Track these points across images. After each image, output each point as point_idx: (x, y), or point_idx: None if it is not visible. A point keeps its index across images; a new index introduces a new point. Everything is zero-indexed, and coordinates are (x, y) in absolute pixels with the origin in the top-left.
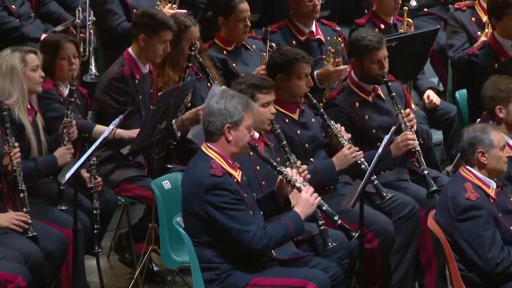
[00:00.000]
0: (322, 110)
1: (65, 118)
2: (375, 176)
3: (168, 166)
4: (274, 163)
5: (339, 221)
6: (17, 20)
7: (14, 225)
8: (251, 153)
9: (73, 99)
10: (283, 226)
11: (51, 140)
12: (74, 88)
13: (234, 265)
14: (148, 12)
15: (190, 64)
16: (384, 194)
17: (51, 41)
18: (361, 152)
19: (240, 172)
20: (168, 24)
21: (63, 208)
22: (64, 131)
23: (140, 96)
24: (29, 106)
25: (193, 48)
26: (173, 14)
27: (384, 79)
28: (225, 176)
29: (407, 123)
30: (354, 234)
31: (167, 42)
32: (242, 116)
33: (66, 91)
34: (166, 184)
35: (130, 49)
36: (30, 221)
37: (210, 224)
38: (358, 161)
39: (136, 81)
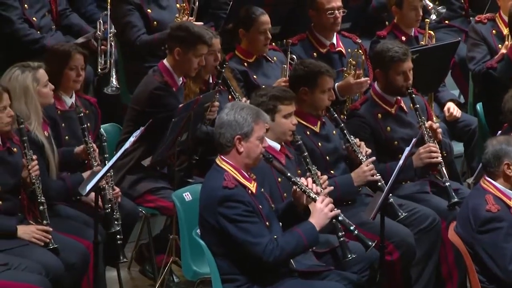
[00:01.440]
0: (342, 124)
1: (85, 145)
2: (394, 191)
3: (189, 180)
4: (289, 174)
5: (356, 231)
6: (38, 32)
7: (35, 238)
8: None
9: (85, 125)
10: (296, 237)
11: (61, 156)
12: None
13: (253, 276)
14: (184, 26)
15: (220, 81)
16: (399, 213)
17: (60, 50)
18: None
19: (255, 184)
20: (204, 38)
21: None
22: (90, 155)
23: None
24: (42, 120)
25: (224, 65)
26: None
27: (409, 90)
28: (237, 188)
29: (434, 132)
30: (370, 243)
31: (202, 56)
32: (252, 127)
33: (69, 102)
34: (187, 196)
35: (165, 61)
36: (50, 236)
37: (223, 236)
38: (376, 180)
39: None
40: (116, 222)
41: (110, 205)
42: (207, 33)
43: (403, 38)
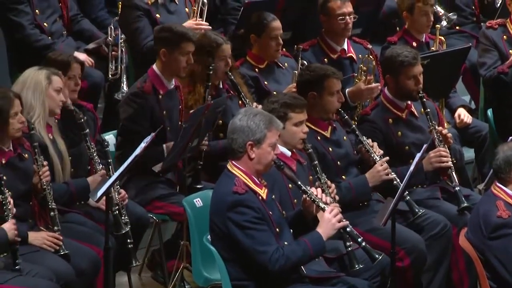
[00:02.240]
0: (354, 126)
1: (88, 151)
2: (407, 192)
3: (198, 187)
4: (299, 182)
5: (363, 243)
6: (49, 37)
7: (46, 244)
8: None
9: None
10: (302, 246)
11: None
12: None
13: (263, 282)
14: (166, 27)
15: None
16: (416, 210)
17: (59, 60)
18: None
19: (266, 190)
20: (188, 35)
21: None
22: (93, 160)
23: (165, 112)
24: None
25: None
26: (196, 27)
27: (420, 95)
28: (247, 194)
29: (445, 138)
30: (377, 256)
31: (189, 53)
32: (264, 134)
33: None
34: (198, 202)
35: (154, 66)
36: (61, 243)
37: (232, 241)
38: (391, 179)
39: (160, 96)
40: (125, 224)
41: (117, 207)
42: (190, 31)
43: (414, 44)
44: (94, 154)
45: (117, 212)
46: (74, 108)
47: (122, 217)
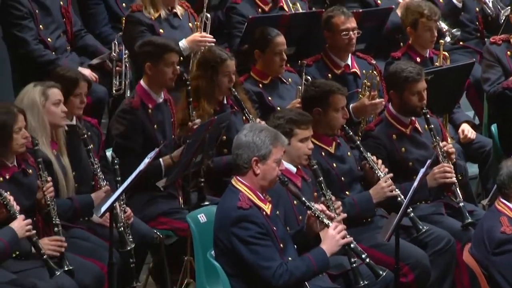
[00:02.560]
0: (358, 142)
1: (92, 167)
2: (411, 209)
3: (204, 204)
4: (303, 198)
5: (367, 260)
6: (53, 53)
7: (50, 250)
8: None
9: (90, 146)
10: (306, 262)
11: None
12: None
13: None
14: (147, 40)
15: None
16: (420, 227)
17: (66, 77)
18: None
19: (270, 206)
20: (170, 46)
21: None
22: (96, 175)
23: (156, 126)
24: (50, 139)
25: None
26: (201, 39)
27: (423, 111)
28: (252, 209)
29: (448, 154)
30: (381, 273)
31: (174, 64)
32: (269, 150)
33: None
34: (202, 217)
35: (141, 81)
36: (65, 244)
37: (236, 256)
38: (395, 195)
39: (150, 110)
40: (130, 240)
41: (122, 223)
42: (172, 41)
43: (418, 59)
44: (98, 170)
45: (122, 229)
46: (77, 124)
47: (127, 237)
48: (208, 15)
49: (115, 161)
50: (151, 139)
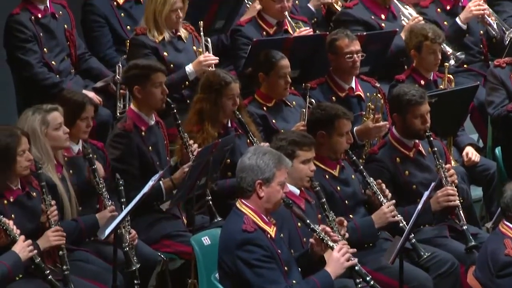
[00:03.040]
0: (361, 167)
1: (97, 186)
2: (413, 235)
3: (217, 220)
4: (308, 221)
5: (372, 282)
6: (57, 76)
7: (55, 240)
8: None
9: (95, 166)
10: (311, 285)
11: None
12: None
13: None
14: (132, 64)
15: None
16: (422, 253)
17: (73, 100)
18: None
19: (275, 228)
20: (156, 66)
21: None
22: (102, 195)
23: (150, 147)
24: (55, 163)
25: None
26: (203, 59)
27: (427, 134)
28: (257, 232)
29: (448, 179)
30: None
31: (162, 84)
32: (273, 173)
33: (75, 149)
34: (206, 240)
35: (131, 105)
36: (65, 234)
37: (240, 279)
38: (397, 221)
39: (143, 133)
40: (136, 261)
41: (127, 243)
42: (156, 62)
43: (422, 82)
44: (103, 190)
45: (127, 249)
46: (83, 144)
47: (132, 259)
48: (208, 38)
49: (120, 183)
50: (146, 161)
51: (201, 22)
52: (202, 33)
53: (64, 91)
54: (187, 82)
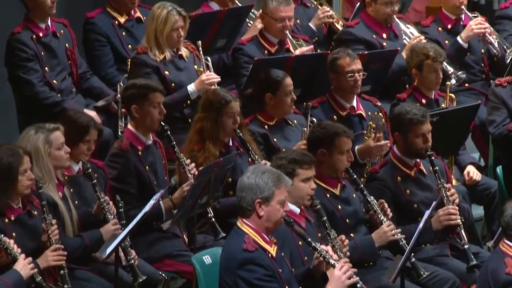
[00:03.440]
0: (362, 185)
1: (98, 201)
2: (413, 254)
3: (221, 237)
4: (309, 239)
5: None
6: (59, 95)
7: (55, 260)
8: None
9: (95, 181)
10: None
11: (80, 217)
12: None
13: None
14: (130, 84)
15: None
16: (421, 273)
17: (78, 123)
18: (399, 230)
19: (275, 247)
20: (154, 86)
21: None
22: (104, 209)
23: (147, 167)
24: (56, 181)
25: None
26: (205, 79)
27: (428, 153)
28: (258, 251)
29: (450, 198)
30: None
31: (160, 104)
32: (273, 191)
33: (76, 168)
34: (207, 259)
35: (129, 125)
36: (65, 253)
37: None
38: (397, 239)
39: (140, 152)
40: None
41: (132, 256)
42: (155, 82)
43: (424, 101)
44: (105, 204)
45: (132, 261)
46: (82, 160)
47: (136, 279)
48: (208, 57)
49: (120, 204)
50: (144, 181)
51: (199, 41)
52: (201, 52)
53: (70, 111)
54: (188, 101)
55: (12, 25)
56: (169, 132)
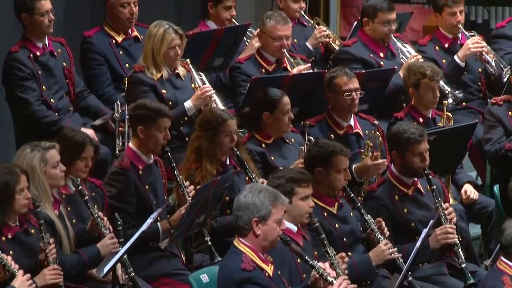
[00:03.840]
0: (359, 204)
1: (91, 216)
2: (411, 272)
3: (217, 260)
4: (306, 257)
5: None
6: (56, 114)
7: (52, 279)
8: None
9: (86, 197)
10: None
11: (75, 234)
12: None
13: None
14: (141, 103)
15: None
16: None
17: (74, 140)
18: (396, 249)
19: (272, 267)
20: (164, 111)
21: None
22: (98, 225)
23: (147, 186)
24: (52, 199)
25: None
26: (200, 93)
27: (426, 172)
28: (256, 271)
29: (447, 217)
30: None
31: (166, 129)
32: (269, 210)
33: (73, 187)
34: (204, 278)
35: (130, 144)
36: (62, 273)
37: None
38: (395, 258)
39: (140, 171)
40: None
41: (131, 270)
42: (165, 106)
43: (421, 120)
44: (99, 219)
45: (133, 274)
46: (71, 177)
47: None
48: (201, 72)
49: (119, 223)
50: (143, 200)
51: (188, 59)
52: (193, 69)
53: (66, 130)
54: (186, 118)
55: (10, 44)
56: (169, 154)
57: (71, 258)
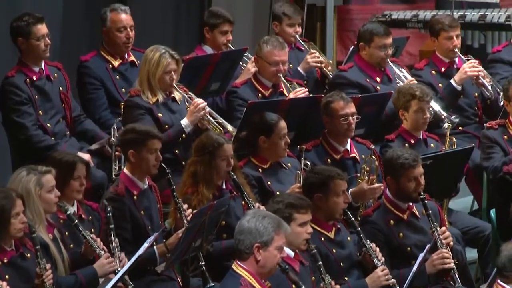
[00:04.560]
0: (359, 228)
1: (84, 239)
2: None
3: (211, 285)
4: (303, 287)
5: None
6: (52, 138)
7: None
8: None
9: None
10: None
11: (69, 258)
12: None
13: None
14: (130, 128)
15: None
16: None
17: (64, 161)
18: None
19: None
20: (153, 132)
21: None
22: (92, 246)
23: (142, 212)
24: (46, 223)
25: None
26: (193, 108)
27: (421, 196)
28: None
29: (443, 241)
30: None
31: (157, 151)
32: (272, 237)
33: (71, 210)
34: None
35: (124, 169)
36: (51, 275)
37: None
38: (390, 284)
39: (135, 197)
40: None
41: (131, 287)
42: (154, 128)
43: (412, 141)
44: (92, 241)
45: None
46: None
47: None
48: (190, 93)
49: (108, 209)
50: (138, 226)
51: (175, 84)
52: (181, 91)
53: (55, 153)
54: (184, 135)
55: (6, 69)
56: (169, 176)
57: (68, 279)
